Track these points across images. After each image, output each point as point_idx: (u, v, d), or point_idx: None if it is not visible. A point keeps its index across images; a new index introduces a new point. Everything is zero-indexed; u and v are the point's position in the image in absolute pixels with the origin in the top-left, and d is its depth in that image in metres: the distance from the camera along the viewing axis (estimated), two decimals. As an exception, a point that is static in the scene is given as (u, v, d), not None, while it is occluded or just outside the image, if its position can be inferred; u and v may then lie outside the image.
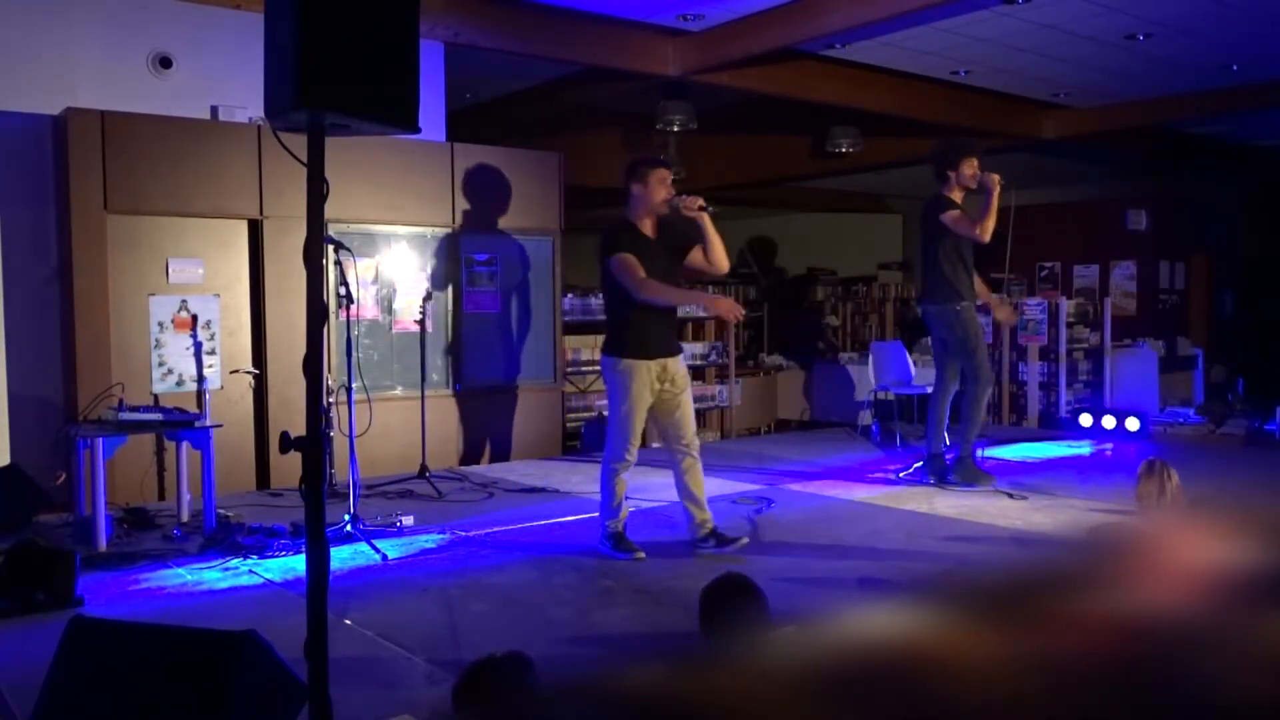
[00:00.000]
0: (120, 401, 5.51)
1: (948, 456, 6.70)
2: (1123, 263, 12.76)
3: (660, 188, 4.90)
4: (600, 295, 9.98)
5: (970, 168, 6.42)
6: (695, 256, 5.03)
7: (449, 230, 7.74)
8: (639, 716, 0.42)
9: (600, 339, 9.12)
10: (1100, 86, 10.03)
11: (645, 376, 4.86)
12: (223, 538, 5.20)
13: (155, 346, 6.56)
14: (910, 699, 0.41)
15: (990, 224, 6.29)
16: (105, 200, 6.35)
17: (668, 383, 4.93)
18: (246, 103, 6.74)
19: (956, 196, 6.47)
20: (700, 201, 4.85)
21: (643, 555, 4.90)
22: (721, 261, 5.00)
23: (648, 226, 4.96)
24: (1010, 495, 6.35)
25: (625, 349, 4.89)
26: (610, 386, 5.01)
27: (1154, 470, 4.56)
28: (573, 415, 8.73)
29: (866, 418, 9.60)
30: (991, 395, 10.26)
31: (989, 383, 6.65)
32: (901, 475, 7.12)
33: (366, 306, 7.26)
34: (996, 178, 6.31)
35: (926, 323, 6.89)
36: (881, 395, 9.50)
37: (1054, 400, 9.88)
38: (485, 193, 7.90)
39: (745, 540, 4.96)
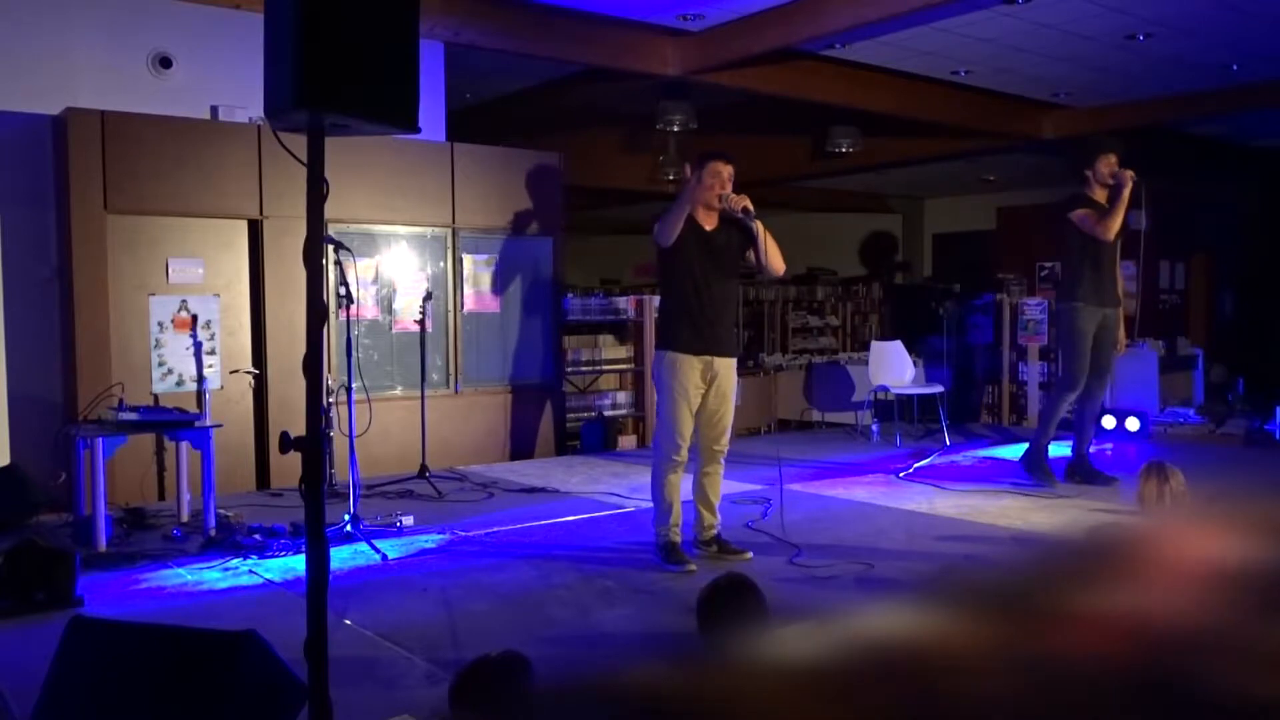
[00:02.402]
0: (120, 401, 5.51)
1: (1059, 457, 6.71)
2: (1123, 263, 12.73)
3: (711, 180, 4.69)
4: (599, 295, 10.01)
5: (1107, 165, 6.32)
6: (750, 257, 4.82)
7: (449, 230, 7.74)
8: (637, 717, 0.42)
9: (600, 339, 9.19)
10: (1100, 86, 10.03)
11: (685, 370, 4.72)
12: (223, 538, 5.20)
13: (155, 346, 6.56)
14: (911, 699, 0.40)
15: (1113, 222, 6.19)
16: (105, 200, 6.35)
17: (711, 386, 4.78)
18: (246, 103, 6.73)
19: (1099, 195, 6.35)
20: (745, 203, 4.59)
21: (694, 568, 4.67)
22: (773, 265, 4.73)
23: (707, 218, 4.76)
24: (1019, 494, 6.37)
25: (662, 340, 4.83)
26: (655, 382, 4.93)
27: (1155, 472, 4.55)
28: (573, 415, 8.73)
29: (866, 418, 9.60)
30: (991, 395, 10.29)
31: (1071, 390, 6.52)
32: (902, 475, 7.12)
33: (366, 306, 7.26)
34: (1130, 174, 6.18)
35: None
36: (881, 395, 9.51)
37: (1054, 400, 9.86)
38: (485, 193, 7.90)
39: (749, 555, 4.93)
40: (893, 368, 9.26)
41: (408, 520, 5.65)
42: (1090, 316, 6.41)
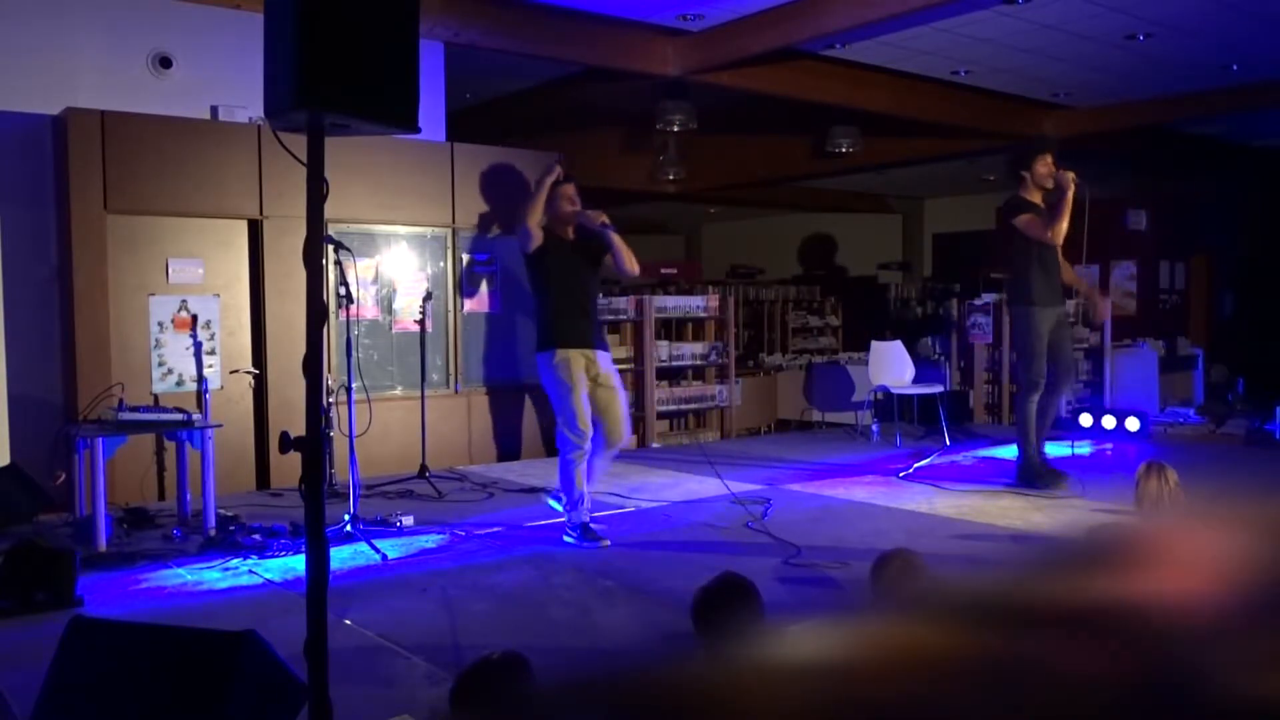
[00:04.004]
0: (120, 401, 5.51)
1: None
2: (1123, 263, 12.75)
3: (564, 202, 5.37)
4: (599, 295, 10.00)
5: (1044, 166, 6.29)
6: (609, 261, 5.42)
7: (449, 230, 7.74)
8: (636, 717, 0.42)
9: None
10: (1100, 86, 10.03)
11: (573, 362, 5.16)
12: (223, 538, 5.20)
13: (155, 346, 6.56)
14: (908, 700, 0.41)
15: (1061, 225, 6.15)
16: (105, 200, 6.35)
17: (595, 380, 5.21)
18: (246, 103, 6.73)
19: (1034, 197, 6.34)
20: (603, 218, 5.27)
21: (608, 543, 5.13)
22: (628, 267, 5.38)
23: (564, 231, 5.41)
24: (1019, 494, 6.37)
25: (545, 341, 5.25)
26: (544, 381, 5.30)
27: (1152, 472, 4.56)
28: (573, 415, 8.72)
29: (866, 418, 9.60)
30: (991, 395, 10.29)
31: (1035, 391, 6.49)
32: (902, 475, 7.12)
33: (366, 306, 7.26)
34: (1071, 175, 6.14)
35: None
36: (881, 395, 9.50)
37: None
38: (485, 193, 7.90)
39: (606, 543, 5.13)
40: (893, 368, 9.27)
41: (408, 520, 5.65)
42: (1046, 318, 6.42)
